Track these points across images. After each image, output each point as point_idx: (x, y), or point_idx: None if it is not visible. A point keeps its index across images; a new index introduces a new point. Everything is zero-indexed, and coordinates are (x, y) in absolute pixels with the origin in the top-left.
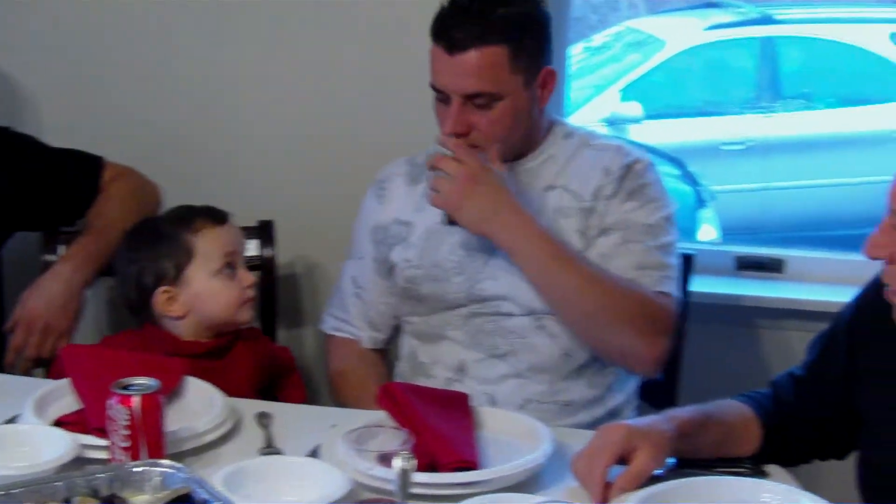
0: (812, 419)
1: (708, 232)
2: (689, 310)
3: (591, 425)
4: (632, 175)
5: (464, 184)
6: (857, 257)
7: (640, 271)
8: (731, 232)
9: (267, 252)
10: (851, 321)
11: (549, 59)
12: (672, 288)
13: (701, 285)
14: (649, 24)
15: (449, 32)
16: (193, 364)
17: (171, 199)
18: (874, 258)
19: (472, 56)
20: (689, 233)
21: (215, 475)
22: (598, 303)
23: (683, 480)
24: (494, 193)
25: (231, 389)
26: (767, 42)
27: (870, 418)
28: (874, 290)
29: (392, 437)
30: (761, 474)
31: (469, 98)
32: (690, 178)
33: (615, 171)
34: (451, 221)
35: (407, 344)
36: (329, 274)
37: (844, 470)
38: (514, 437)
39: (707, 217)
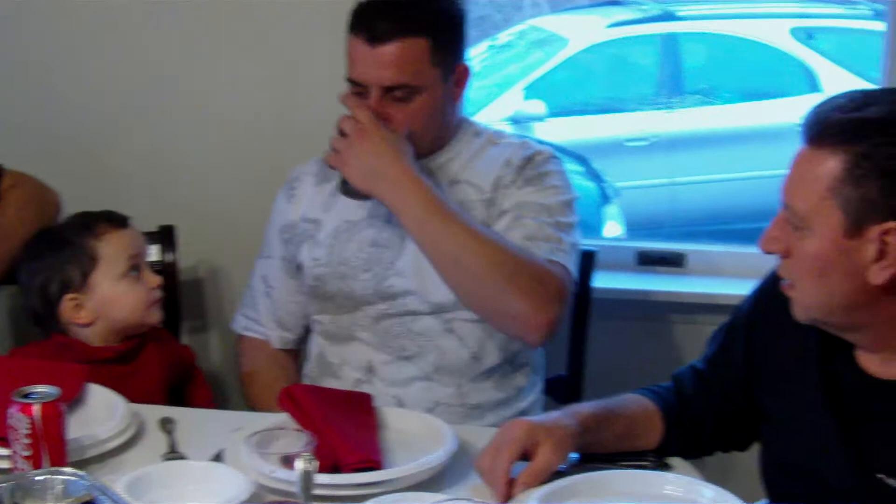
0: (714, 411)
1: (613, 228)
2: (592, 306)
3: None
4: (532, 165)
5: (355, 140)
6: (756, 250)
7: (531, 242)
8: (636, 228)
9: (168, 257)
10: (750, 314)
11: (464, 55)
12: (566, 261)
13: (603, 281)
14: (552, 23)
15: (371, 24)
16: (104, 370)
17: (70, 206)
18: (769, 252)
19: (393, 48)
20: (593, 230)
21: (118, 482)
22: (485, 261)
23: (586, 475)
24: (383, 151)
25: (143, 391)
26: (669, 38)
27: (770, 410)
28: (772, 284)
29: (294, 439)
30: (664, 467)
31: (388, 91)
32: (594, 175)
33: (516, 162)
34: (346, 187)
35: (316, 344)
36: (232, 277)
37: (747, 461)
38: (417, 436)
39: (611, 213)
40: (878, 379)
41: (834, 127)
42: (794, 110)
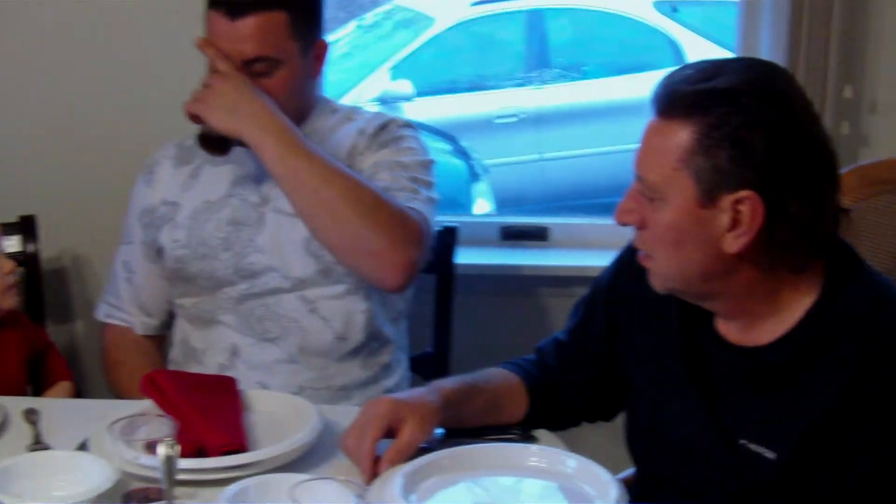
0: (577, 383)
1: (482, 205)
2: (456, 281)
3: None
4: (385, 131)
5: (215, 83)
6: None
7: (388, 193)
8: (506, 204)
9: (30, 247)
10: (610, 285)
11: (322, 31)
12: (424, 210)
13: (467, 257)
14: (418, 2)
15: None
16: None
17: None
18: (624, 224)
19: (252, 20)
20: (464, 207)
21: None
22: (345, 194)
23: (450, 450)
24: (244, 90)
25: (5, 376)
26: (534, 14)
27: (633, 379)
28: (630, 255)
29: (159, 425)
30: (530, 439)
31: (248, 65)
32: (463, 153)
33: (369, 130)
34: (204, 137)
35: (180, 329)
36: (95, 266)
37: (615, 431)
38: (283, 417)
39: (481, 191)
40: (738, 346)
41: (683, 98)
42: None
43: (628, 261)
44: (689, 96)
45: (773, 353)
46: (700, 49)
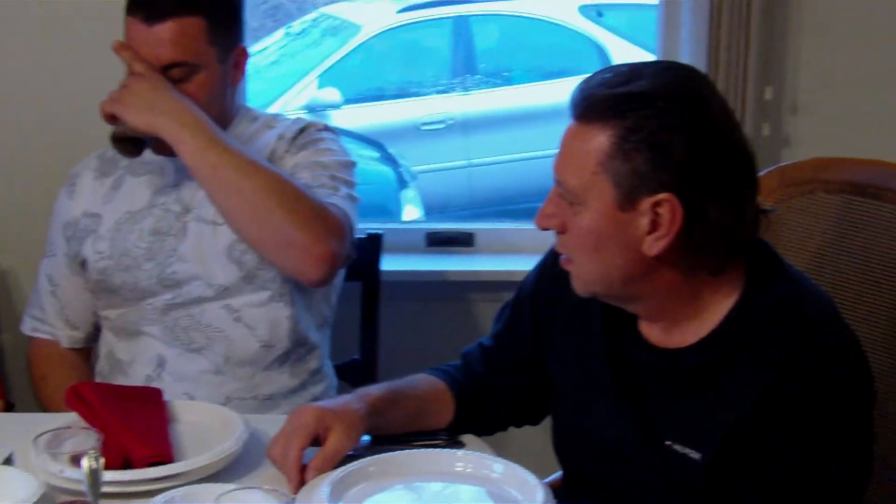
0: (503, 387)
1: (411, 212)
2: (383, 288)
3: None
4: (305, 135)
5: (132, 82)
6: None
7: (309, 189)
8: (435, 211)
9: None
10: (534, 290)
11: (242, 37)
12: (345, 206)
13: (393, 263)
14: (344, 9)
15: (147, 3)
16: None
17: None
18: (545, 228)
19: (170, 25)
20: (392, 214)
21: None
22: (266, 188)
23: (377, 456)
24: (160, 87)
25: None
26: (460, 21)
27: (559, 383)
28: (553, 259)
29: (84, 437)
30: (457, 445)
31: (165, 70)
32: (391, 160)
33: (288, 135)
34: (118, 136)
35: (105, 342)
36: (20, 280)
37: (544, 435)
38: (209, 427)
39: (409, 197)
40: (661, 348)
41: (601, 102)
42: None
43: (552, 265)
44: (607, 100)
45: (695, 354)
46: (626, 53)
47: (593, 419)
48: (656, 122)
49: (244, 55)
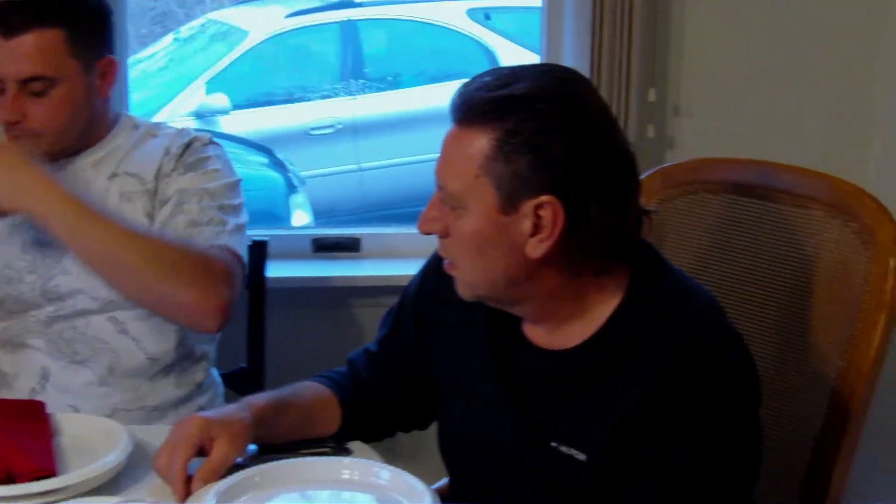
0: (389, 393)
1: (301, 217)
2: (269, 296)
3: None
4: (190, 151)
5: None
6: None
7: (195, 228)
8: (326, 216)
9: None
10: (417, 294)
11: (110, 48)
12: (232, 243)
13: (280, 270)
14: (231, 15)
15: (5, 17)
16: None
17: None
18: (427, 233)
19: (28, 39)
20: (282, 219)
21: None
22: (144, 256)
23: (262, 466)
24: (16, 164)
25: None
26: (348, 25)
27: (445, 386)
28: (436, 263)
29: None
30: (345, 452)
31: (25, 84)
32: (280, 165)
33: (174, 150)
34: None
35: None
36: None
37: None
38: (93, 440)
39: (299, 203)
40: (545, 349)
41: (481, 105)
42: None
43: (435, 268)
44: (487, 103)
45: (579, 356)
46: (513, 55)
47: (480, 422)
48: (536, 125)
49: (112, 65)
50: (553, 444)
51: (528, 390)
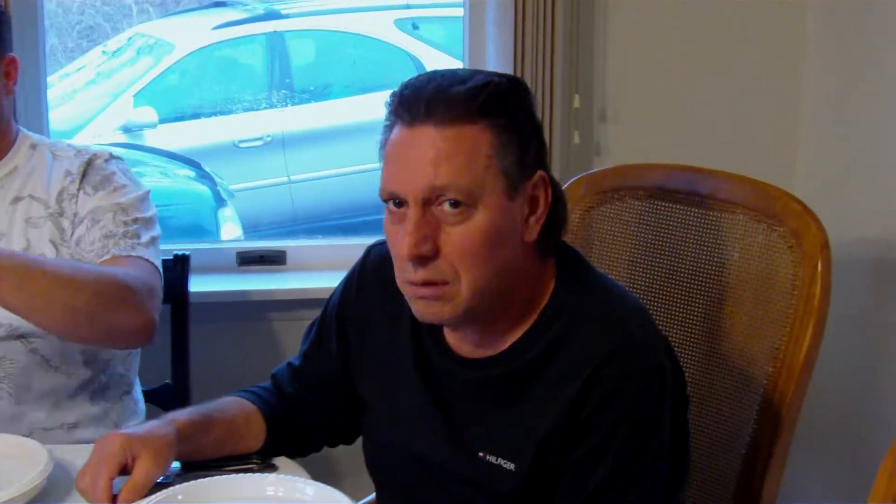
0: (314, 407)
1: (231, 230)
2: (193, 310)
3: None
4: (92, 169)
5: None
6: (353, 242)
7: (109, 240)
8: (257, 229)
9: None
10: (339, 306)
11: (8, 48)
12: (147, 255)
13: (203, 284)
14: (157, 28)
15: None
16: None
17: None
18: (424, 255)
19: None
20: (210, 233)
21: None
22: (65, 298)
23: (187, 484)
24: None
25: None
26: (275, 37)
27: (370, 399)
28: (359, 274)
29: None
30: (270, 468)
31: None
32: (208, 178)
33: (75, 171)
34: None
35: None
36: None
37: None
38: (13, 460)
39: (227, 216)
40: (469, 359)
41: (468, 100)
42: None
43: (358, 280)
44: (472, 97)
45: (504, 363)
46: (441, 64)
47: (406, 433)
48: (520, 110)
49: (14, 64)
50: (481, 454)
51: (455, 400)
